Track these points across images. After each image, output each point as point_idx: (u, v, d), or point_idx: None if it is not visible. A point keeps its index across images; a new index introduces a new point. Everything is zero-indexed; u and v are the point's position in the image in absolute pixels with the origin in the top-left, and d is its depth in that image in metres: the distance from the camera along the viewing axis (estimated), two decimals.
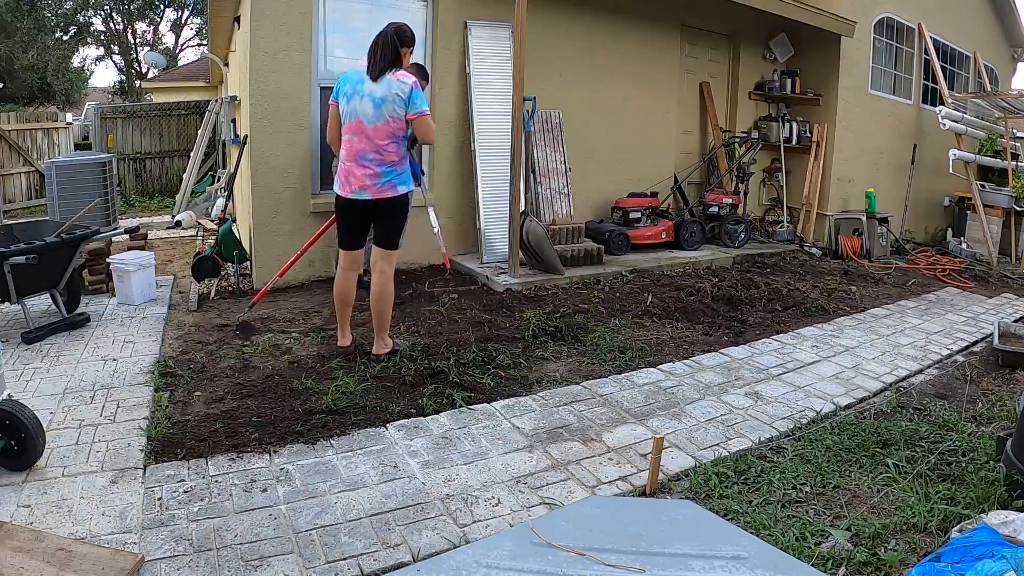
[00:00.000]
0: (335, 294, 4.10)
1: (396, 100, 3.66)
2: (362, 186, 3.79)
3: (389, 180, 3.79)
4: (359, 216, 3.94)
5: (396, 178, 3.81)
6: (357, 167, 3.78)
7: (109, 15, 24.37)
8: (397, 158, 3.79)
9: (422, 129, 3.76)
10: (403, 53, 3.78)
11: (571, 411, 3.51)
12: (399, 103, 3.67)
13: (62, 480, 2.68)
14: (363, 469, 2.86)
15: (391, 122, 3.70)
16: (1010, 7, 11.51)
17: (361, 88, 3.72)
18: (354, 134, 3.76)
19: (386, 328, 4.02)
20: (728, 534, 1.62)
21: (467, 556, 1.49)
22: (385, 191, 3.79)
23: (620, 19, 7.19)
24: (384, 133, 3.71)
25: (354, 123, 3.75)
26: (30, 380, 3.63)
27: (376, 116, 3.69)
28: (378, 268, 3.92)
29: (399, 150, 3.79)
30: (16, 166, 11.04)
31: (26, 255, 4.05)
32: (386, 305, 3.94)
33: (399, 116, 3.70)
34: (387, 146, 3.74)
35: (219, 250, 5.46)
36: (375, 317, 3.98)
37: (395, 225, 3.92)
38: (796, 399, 3.80)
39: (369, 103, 3.69)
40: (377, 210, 3.86)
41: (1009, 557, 2.00)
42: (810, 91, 8.57)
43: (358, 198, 3.82)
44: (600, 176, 7.31)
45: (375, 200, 3.81)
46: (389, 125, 3.70)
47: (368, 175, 3.76)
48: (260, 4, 5.31)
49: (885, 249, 8.45)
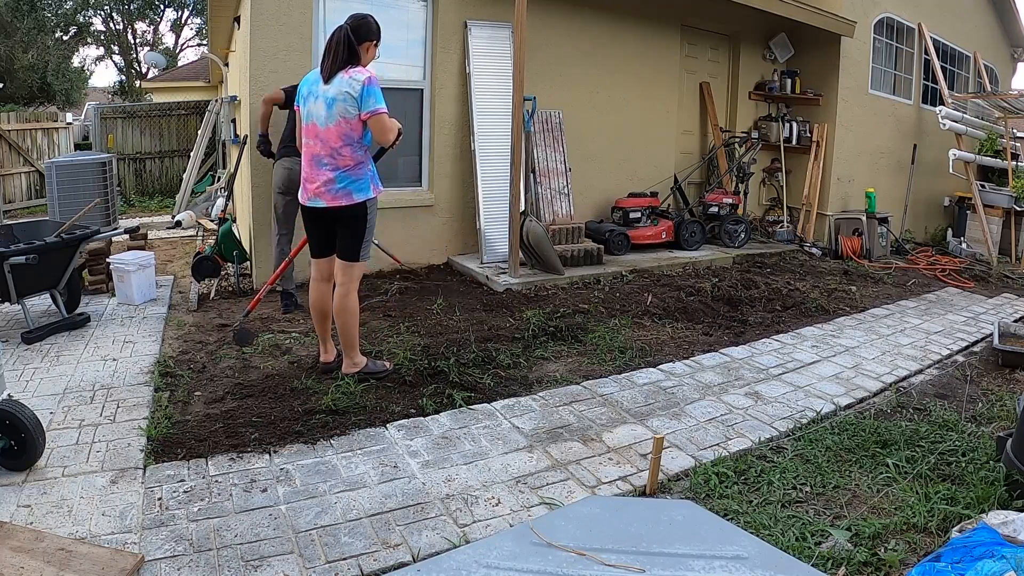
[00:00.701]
0: (310, 306, 3.85)
1: (347, 99, 3.39)
2: (317, 193, 3.54)
3: (344, 187, 3.49)
4: (320, 224, 3.69)
5: (352, 185, 3.50)
6: (313, 172, 3.55)
7: (109, 15, 24.37)
8: (352, 163, 3.48)
9: (377, 129, 3.45)
10: (363, 49, 3.50)
11: (571, 411, 3.51)
12: (351, 102, 3.38)
13: (62, 480, 2.68)
14: (363, 469, 2.86)
15: (343, 123, 3.42)
16: (1010, 7, 11.51)
17: (316, 89, 3.50)
18: (309, 138, 3.55)
19: (353, 345, 3.73)
20: (728, 534, 1.62)
21: (467, 556, 1.49)
22: (339, 199, 3.50)
23: (620, 19, 7.19)
24: (336, 135, 3.44)
25: (309, 126, 3.53)
26: (30, 380, 3.64)
27: (328, 117, 3.44)
28: (338, 281, 3.67)
29: (354, 154, 3.48)
30: (16, 166, 11.04)
31: (26, 255, 4.05)
32: (348, 319, 3.65)
33: (351, 116, 3.41)
34: (340, 149, 3.46)
35: (219, 250, 5.45)
36: (339, 333, 3.71)
37: (353, 236, 3.60)
38: (796, 399, 3.80)
39: (322, 104, 3.46)
40: (333, 220, 3.61)
41: (1009, 557, 2.00)
42: (810, 91, 8.57)
43: (314, 206, 3.58)
44: (600, 176, 7.31)
45: (329, 208, 3.54)
46: (341, 126, 3.43)
47: (323, 181, 3.51)
48: (260, 4, 5.31)
49: (885, 249, 8.45)
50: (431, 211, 6.31)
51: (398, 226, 6.13)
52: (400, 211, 6.14)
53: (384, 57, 6.08)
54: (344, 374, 3.75)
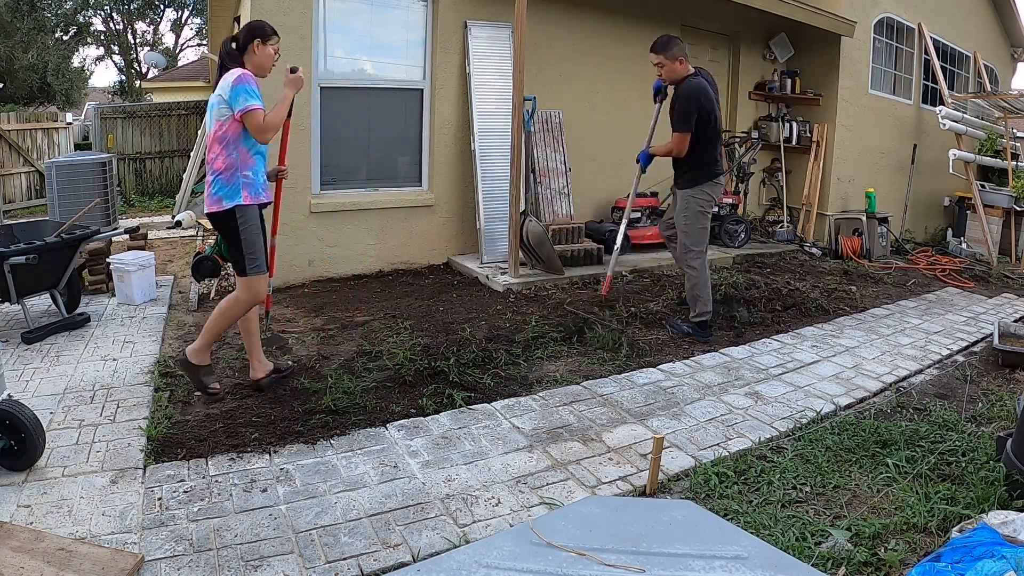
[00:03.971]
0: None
1: (220, 101, 3.28)
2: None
3: (215, 192, 3.33)
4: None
5: (221, 190, 3.31)
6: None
7: (109, 15, 24.36)
8: (224, 166, 3.31)
9: (251, 128, 3.26)
10: (251, 50, 3.37)
11: (571, 411, 3.51)
12: (223, 104, 3.27)
13: (62, 480, 2.68)
14: (363, 469, 2.87)
15: (218, 125, 3.31)
16: (1010, 7, 11.51)
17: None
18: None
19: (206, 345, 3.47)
20: (728, 534, 1.62)
21: (467, 556, 1.49)
22: (212, 205, 3.34)
23: (620, 19, 7.19)
24: (213, 139, 3.34)
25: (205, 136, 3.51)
26: (30, 380, 3.64)
27: (210, 122, 3.37)
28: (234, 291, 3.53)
29: (227, 157, 3.31)
30: (16, 166, 11.04)
31: (26, 255, 4.05)
32: (220, 321, 3.44)
33: (225, 118, 3.28)
34: (217, 153, 3.32)
35: (219, 250, 5.44)
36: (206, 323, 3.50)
37: (231, 246, 3.39)
38: (796, 399, 3.80)
39: (207, 111, 3.43)
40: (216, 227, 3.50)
41: (1009, 557, 2.00)
42: (810, 91, 8.57)
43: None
44: (600, 176, 7.30)
45: (207, 214, 3.39)
46: (217, 129, 3.32)
47: (207, 186, 3.40)
48: (260, 4, 5.31)
49: (885, 249, 8.45)
50: (431, 211, 6.31)
51: (398, 226, 6.14)
52: (400, 211, 6.14)
53: (384, 57, 6.12)
54: (175, 360, 3.57)
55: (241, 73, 3.28)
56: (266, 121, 3.27)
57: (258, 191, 3.39)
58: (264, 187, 3.45)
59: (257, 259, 3.40)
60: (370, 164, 6.17)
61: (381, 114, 6.16)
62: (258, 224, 3.41)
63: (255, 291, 3.45)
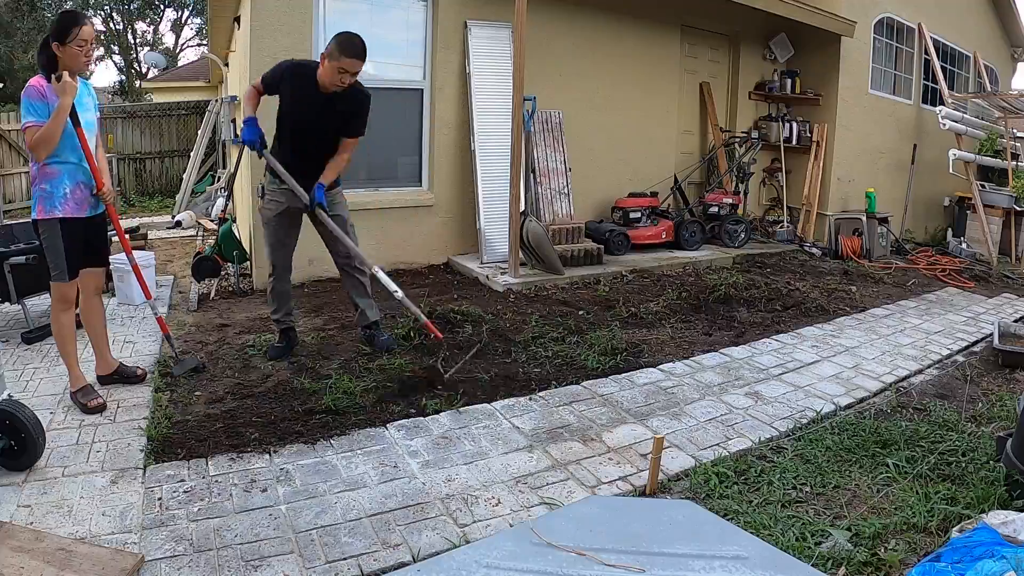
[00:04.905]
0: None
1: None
2: None
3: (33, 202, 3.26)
4: None
5: (33, 202, 3.24)
6: None
7: (109, 15, 24.37)
8: (32, 178, 3.23)
9: (27, 144, 3.13)
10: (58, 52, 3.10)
11: (571, 411, 3.51)
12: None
13: (62, 480, 2.68)
14: (363, 469, 2.86)
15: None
16: (1010, 7, 11.51)
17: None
18: None
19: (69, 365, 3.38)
20: (728, 534, 1.62)
21: (467, 556, 1.49)
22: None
23: (620, 19, 7.19)
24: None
25: None
26: (30, 380, 3.64)
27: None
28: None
29: (32, 169, 3.22)
30: (16, 166, 11.04)
31: (26, 255, 4.05)
32: (57, 340, 3.38)
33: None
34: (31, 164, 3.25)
35: (219, 250, 5.46)
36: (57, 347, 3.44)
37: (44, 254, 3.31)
38: (796, 399, 3.80)
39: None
40: None
41: (1009, 557, 2.00)
42: (810, 91, 8.57)
43: None
44: (600, 176, 7.31)
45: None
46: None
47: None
48: (260, 4, 5.31)
49: (885, 249, 8.45)
50: (431, 211, 6.31)
51: (398, 226, 6.13)
52: (400, 211, 6.14)
53: (384, 57, 6.11)
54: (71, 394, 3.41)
55: (29, 85, 3.08)
56: (35, 138, 3.05)
57: (54, 207, 3.19)
58: (68, 200, 3.22)
59: (58, 266, 3.26)
60: (370, 164, 6.16)
61: (381, 114, 6.13)
62: (59, 236, 3.21)
63: (59, 296, 3.33)
